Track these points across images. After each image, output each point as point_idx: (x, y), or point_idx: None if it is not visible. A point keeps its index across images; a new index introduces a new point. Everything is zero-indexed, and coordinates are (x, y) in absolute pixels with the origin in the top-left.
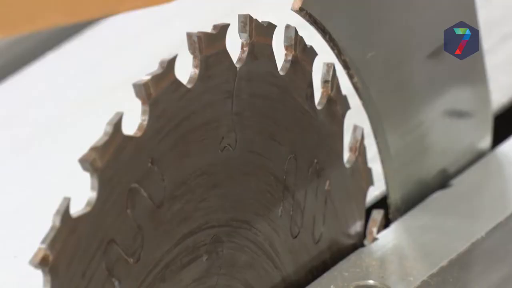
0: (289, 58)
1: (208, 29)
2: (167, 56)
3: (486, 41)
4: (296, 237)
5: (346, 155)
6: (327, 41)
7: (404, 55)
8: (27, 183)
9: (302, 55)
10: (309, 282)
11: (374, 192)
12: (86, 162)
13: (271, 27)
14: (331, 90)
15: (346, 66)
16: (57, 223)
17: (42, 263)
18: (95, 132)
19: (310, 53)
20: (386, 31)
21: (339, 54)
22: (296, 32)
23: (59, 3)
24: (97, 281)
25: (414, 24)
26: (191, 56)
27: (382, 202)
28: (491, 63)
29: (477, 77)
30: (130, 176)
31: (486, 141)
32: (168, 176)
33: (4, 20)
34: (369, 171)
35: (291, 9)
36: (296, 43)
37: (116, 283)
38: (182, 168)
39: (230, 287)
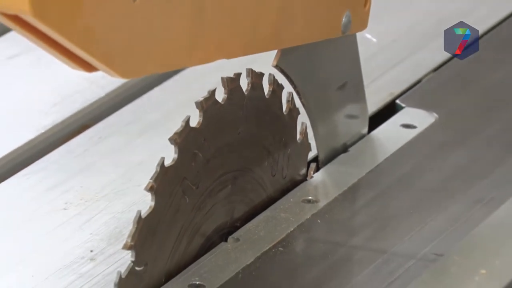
0: (270, 89)
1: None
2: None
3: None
4: (274, 176)
5: (298, 136)
6: (290, 83)
7: (327, 89)
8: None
9: (276, 87)
10: (279, 198)
11: (311, 154)
12: (172, 139)
13: (261, 75)
14: (291, 104)
15: (298, 94)
16: (158, 169)
17: (150, 189)
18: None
19: (281, 87)
20: (318, 79)
21: (295, 89)
22: (273, 77)
23: (159, 56)
24: (177, 199)
25: (332, 74)
26: (222, 89)
27: (315, 159)
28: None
29: (362, 100)
30: (194, 147)
31: (365, 130)
32: (211, 144)
33: (125, 65)
34: (309, 144)
35: (271, 65)
36: (273, 82)
37: (186, 199)
38: (216, 145)
39: (242, 201)
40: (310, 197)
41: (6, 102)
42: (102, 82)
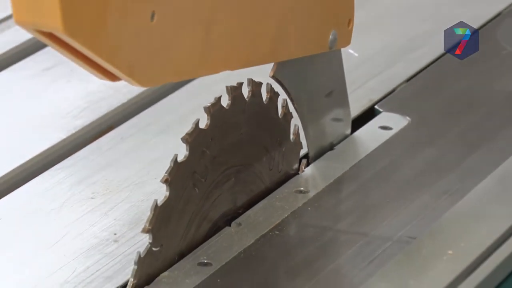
0: (268, 96)
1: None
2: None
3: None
4: (271, 170)
5: (291, 136)
6: (285, 91)
7: (316, 97)
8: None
9: (273, 95)
10: (276, 189)
11: (303, 152)
12: (184, 139)
13: (260, 84)
14: (285, 109)
15: (292, 101)
16: (172, 164)
17: (165, 181)
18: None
19: (276, 94)
20: (308, 87)
21: (289, 96)
22: (271, 86)
23: (173, 68)
24: (188, 190)
25: (320, 84)
26: (226, 96)
27: (306, 156)
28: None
29: (346, 106)
30: (202, 145)
31: (348, 131)
32: (217, 143)
33: (145, 75)
34: (301, 143)
35: (269, 76)
36: (270, 90)
37: (196, 190)
38: (222, 144)
39: (243, 191)
40: (301, 188)
41: (42, 107)
42: (124, 90)
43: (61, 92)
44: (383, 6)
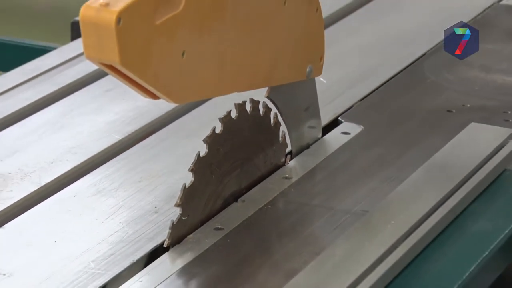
0: (263, 110)
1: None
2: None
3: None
4: (265, 162)
5: (280, 139)
6: (275, 107)
7: (297, 111)
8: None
9: (267, 109)
10: (268, 176)
11: (287, 149)
12: (204, 140)
13: (258, 101)
14: (276, 119)
15: (280, 114)
16: (196, 158)
17: (191, 170)
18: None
19: (269, 109)
20: (292, 104)
21: (278, 110)
22: (265, 103)
23: (198, 90)
24: (207, 176)
25: (300, 101)
26: (234, 110)
27: (290, 153)
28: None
29: (318, 117)
30: (217, 145)
31: (320, 135)
32: (228, 144)
33: (177, 95)
34: (286, 144)
35: (264, 96)
36: (265, 106)
37: (213, 176)
38: (231, 144)
39: (246, 177)
40: (287, 175)
41: (105, 117)
42: (162, 105)
43: (118, 107)
44: (344, 47)
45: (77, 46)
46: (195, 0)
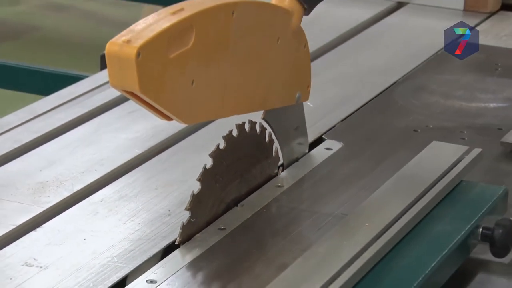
0: (259, 130)
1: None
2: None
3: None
4: (261, 173)
5: (273, 153)
6: (270, 127)
7: (288, 130)
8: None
9: (262, 129)
10: (264, 184)
11: (280, 162)
12: (210, 155)
13: (255, 122)
14: (270, 137)
15: (274, 133)
16: (203, 170)
17: (199, 180)
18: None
19: (265, 129)
20: (284, 124)
21: (272, 130)
22: (261, 124)
23: (205, 112)
24: (212, 184)
25: (291, 122)
26: (235, 129)
27: (281, 165)
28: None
29: (305, 135)
30: (221, 158)
31: (307, 150)
32: (230, 157)
33: (187, 117)
34: (279, 157)
35: (260, 118)
36: (261, 126)
37: (217, 185)
38: (232, 158)
39: (245, 185)
40: (279, 184)
41: (127, 134)
42: (176, 125)
43: (138, 126)
44: (328, 77)
45: (104, 75)
46: (203, 38)
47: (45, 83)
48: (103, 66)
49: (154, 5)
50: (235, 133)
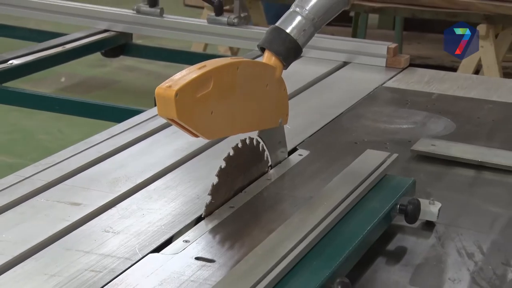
0: (256, 143)
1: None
2: (237, 142)
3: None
4: (257, 171)
5: (265, 158)
6: (262, 141)
7: (275, 143)
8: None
9: (257, 142)
10: (258, 178)
11: (269, 164)
12: (224, 159)
13: (253, 138)
14: (262, 148)
15: (264, 143)
16: (219, 168)
17: (217, 175)
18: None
19: (259, 143)
20: (273, 140)
21: (264, 143)
22: (257, 139)
23: (220, 130)
24: (226, 178)
25: (276, 138)
26: (241, 143)
27: (270, 166)
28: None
29: (285, 145)
30: (231, 162)
31: (286, 156)
32: (236, 162)
33: (209, 134)
34: (268, 161)
35: (257, 135)
36: (257, 141)
37: (229, 178)
38: (238, 162)
39: (246, 179)
40: (268, 178)
41: (172, 147)
42: (202, 141)
43: (178, 141)
44: (300, 109)
45: (156, 109)
46: (218, 84)
47: (120, 115)
48: (155, 103)
49: (188, 65)
50: (240, 145)
